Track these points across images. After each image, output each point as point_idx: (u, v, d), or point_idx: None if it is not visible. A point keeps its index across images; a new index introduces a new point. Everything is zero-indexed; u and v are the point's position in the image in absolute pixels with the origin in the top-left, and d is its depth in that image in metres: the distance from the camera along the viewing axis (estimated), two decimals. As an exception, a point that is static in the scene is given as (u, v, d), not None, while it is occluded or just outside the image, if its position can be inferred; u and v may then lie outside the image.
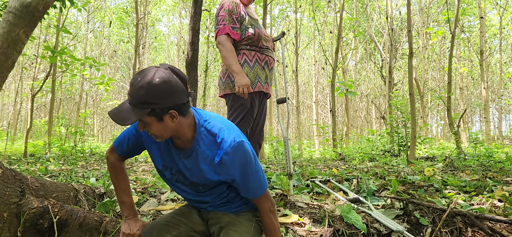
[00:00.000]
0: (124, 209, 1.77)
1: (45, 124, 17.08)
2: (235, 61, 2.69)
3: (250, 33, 2.81)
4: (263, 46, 2.90)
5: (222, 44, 2.73)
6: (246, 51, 2.84)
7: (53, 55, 8.04)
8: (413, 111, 8.03)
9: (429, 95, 23.93)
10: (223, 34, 2.74)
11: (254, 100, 2.84)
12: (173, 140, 1.63)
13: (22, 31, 1.08)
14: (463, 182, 3.84)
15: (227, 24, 2.75)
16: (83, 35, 22.92)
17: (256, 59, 2.86)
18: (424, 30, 16.80)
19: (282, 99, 3.22)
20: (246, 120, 2.79)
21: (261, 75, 2.87)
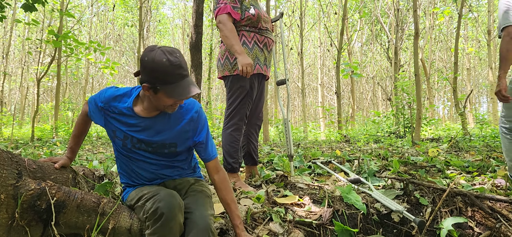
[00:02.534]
0: (68, 149, 2.02)
1: (52, 108, 17.20)
2: (237, 41, 2.64)
3: (250, 14, 2.76)
4: (262, 27, 2.85)
5: (223, 23, 2.67)
6: (245, 33, 2.80)
7: (57, 39, 8.04)
8: (419, 92, 7.96)
9: (436, 76, 23.71)
10: (224, 13, 2.68)
11: (253, 82, 2.81)
12: (136, 111, 1.80)
13: None
14: (466, 162, 3.82)
15: (228, 2, 2.70)
16: (87, 19, 22.89)
17: (255, 40, 2.82)
18: (430, 10, 16.56)
19: (281, 81, 3.19)
20: (245, 102, 2.78)
21: (260, 57, 2.84)
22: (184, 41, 28.58)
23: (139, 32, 13.71)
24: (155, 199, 1.63)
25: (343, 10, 11.68)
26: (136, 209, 1.77)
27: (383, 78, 25.46)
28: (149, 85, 1.65)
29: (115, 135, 1.85)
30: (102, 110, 1.84)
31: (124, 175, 1.95)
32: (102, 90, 1.88)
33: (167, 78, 1.62)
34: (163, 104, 1.71)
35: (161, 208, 1.58)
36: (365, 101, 30.24)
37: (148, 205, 1.64)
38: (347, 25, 16.07)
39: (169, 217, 1.58)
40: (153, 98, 1.70)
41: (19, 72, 27.00)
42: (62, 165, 1.94)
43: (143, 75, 1.66)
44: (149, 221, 1.60)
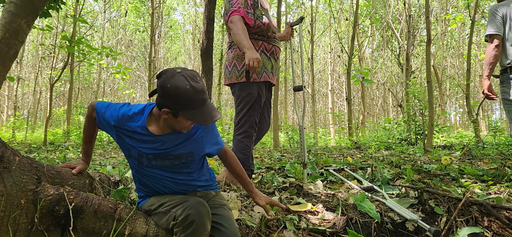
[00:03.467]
0: (82, 153, 2.04)
1: (64, 113, 17.39)
2: (246, 37, 2.66)
3: (261, 22, 2.80)
4: (270, 36, 2.89)
5: (234, 23, 2.70)
6: (253, 41, 2.83)
7: (71, 45, 8.16)
8: (431, 99, 7.90)
9: (448, 83, 23.49)
10: (236, 14, 2.72)
11: (261, 89, 2.83)
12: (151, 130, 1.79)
13: (24, 21, 1.10)
14: (481, 171, 3.77)
15: (242, 7, 2.74)
16: (100, 24, 23.16)
17: (262, 48, 2.85)
18: (442, 16, 16.44)
19: (298, 87, 3.19)
20: (254, 109, 2.78)
21: (267, 65, 2.87)
22: (195, 46, 28.74)
23: (150, 38, 13.84)
24: (185, 206, 1.64)
25: (354, 16, 11.66)
26: (156, 215, 1.77)
27: (393, 84, 25.31)
28: (169, 110, 1.65)
29: (129, 154, 1.82)
30: (114, 128, 1.82)
31: (143, 190, 1.94)
32: (112, 106, 1.85)
33: (189, 104, 1.63)
34: (181, 126, 1.72)
35: (191, 215, 1.59)
36: (376, 108, 30.07)
37: (177, 212, 1.64)
38: (358, 31, 16.03)
39: (200, 224, 1.59)
40: (171, 120, 1.70)
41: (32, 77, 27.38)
42: (79, 170, 1.96)
43: (163, 100, 1.64)
44: (178, 228, 1.61)
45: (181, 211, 1.63)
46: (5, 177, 1.54)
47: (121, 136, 1.82)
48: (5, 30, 1.07)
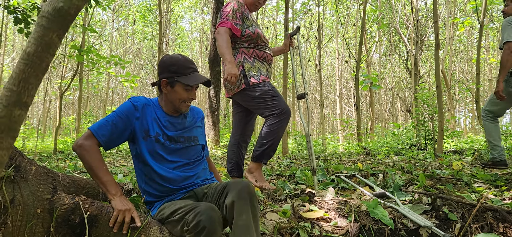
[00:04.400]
0: (111, 187, 1.79)
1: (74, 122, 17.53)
2: (229, 52, 2.81)
3: (250, 31, 2.94)
4: (261, 44, 3.01)
5: (220, 34, 2.85)
6: (244, 49, 2.96)
7: (80, 54, 8.24)
8: (440, 103, 7.84)
9: (457, 87, 23.33)
10: (224, 26, 2.87)
11: (271, 84, 2.95)
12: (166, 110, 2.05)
13: (55, 34, 1.11)
14: (494, 176, 3.73)
15: (230, 19, 2.89)
16: (108, 33, 23.37)
17: (254, 55, 2.97)
18: (450, 20, 16.36)
19: (301, 95, 3.23)
20: (278, 96, 2.85)
21: (262, 69, 2.97)
22: (202, 54, 28.87)
23: (158, 46, 13.93)
24: (196, 212, 1.64)
25: (362, 22, 11.64)
26: (169, 224, 1.79)
27: (402, 89, 25.18)
28: (167, 80, 1.97)
29: (147, 135, 1.94)
30: (138, 112, 1.94)
31: (152, 187, 1.97)
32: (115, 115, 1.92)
33: (182, 70, 1.97)
34: (179, 98, 1.98)
35: (203, 221, 1.60)
36: (384, 113, 29.91)
37: (189, 218, 1.66)
38: (365, 36, 16.00)
39: (211, 230, 1.60)
40: (170, 93, 1.99)
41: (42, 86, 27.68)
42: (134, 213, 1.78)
43: (161, 73, 1.99)
44: (190, 234, 1.62)
45: (192, 217, 1.65)
46: (22, 187, 1.55)
47: (143, 119, 1.95)
48: (38, 44, 1.09)
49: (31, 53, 1.10)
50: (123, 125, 1.90)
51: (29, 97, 1.12)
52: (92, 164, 1.79)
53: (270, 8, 24.69)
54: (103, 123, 1.87)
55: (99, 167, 1.80)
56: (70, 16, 1.12)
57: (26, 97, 1.11)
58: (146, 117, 1.97)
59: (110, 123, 1.87)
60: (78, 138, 1.83)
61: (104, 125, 1.87)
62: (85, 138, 1.83)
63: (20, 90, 1.10)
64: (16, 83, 1.10)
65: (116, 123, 1.89)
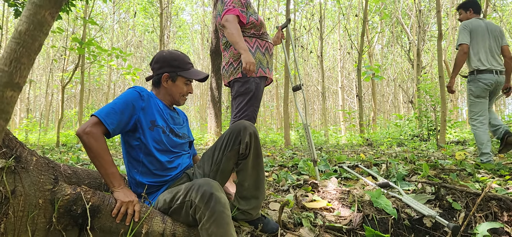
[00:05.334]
0: (115, 180, 1.77)
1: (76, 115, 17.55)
2: (242, 38, 2.69)
3: (253, 19, 2.85)
4: (263, 33, 2.94)
5: (230, 22, 2.72)
6: (247, 38, 2.87)
7: (81, 46, 8.22)
8: (443, 94, 7.80)
9: (459, 78, 23.22)
10: (231, 13, 2.75)
11: (259, 84, 2.83)
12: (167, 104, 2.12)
13: (48, 12, 1.09)
14: (497, 165, 3.71)
15: (237, 6, 2.78)
16: (109, 26, 23.32)
17: (257, 45, 2.89)
18: (453, 10, 16.24)
19: (297, 86, 3.20)
20: (252, 104, 2.79)
21: (263, 61, 2.89)
22: (204, 46, 28.81)
23: (160, 38, 13.89)
24: (197, 187, 1.67)
25: (364, 12, 11.57)
26: (174, 214, 1.78)
27: (404, 80, 25.09)
28: (169, 74, 2.05)
29: (154, 125, 1.94)
30: (144, 101, 1.93)
31: (148, 179, 1.95)
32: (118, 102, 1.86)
33: (183, 65, 2.07)
34: (180, 92, 2.08)
35: (207, 190, 1.63)
36: (386, 104, 29.85)
37: (192, 195, 1.67)
38: (367, 27, 15.91)
39: (217, 195, 1.63)
40: (171, 87, 2.07)
41: (44, 79, 27.69)
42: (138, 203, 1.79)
43: (162, 68, 2.05)
44: (200, 209, 1.63)
45: (195, 193, 1.67)
46: (23, 177, 1.54)
47: (148, 110, 1.95)
48: (30, 22, 1.06)
49: (23, 32, 1.07)
50: (129, 114, 1.87)
51: (22, 77, 1.10)
52: (99, 153, 1.74)
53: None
54: (110, 110, 1.81)
55: (105, 158, 1.76)
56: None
57: (18, 77, 1.09)
58: (152, 107, 1.97)
59: (118, 112, 1.82)
60: (83, 124, 1.75)
61: (112, 112, 1.81)
62: (93, 125, 1.75)
63: (11, 71, 1.07)
64: (7, 63, 1.06)
65: (123, 111, 1.84)
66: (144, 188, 1.95)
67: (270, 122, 30.07)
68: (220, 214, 1.59)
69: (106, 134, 1.81)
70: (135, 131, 1.92)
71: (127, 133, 1.94)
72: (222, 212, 1.60)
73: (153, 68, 2.09)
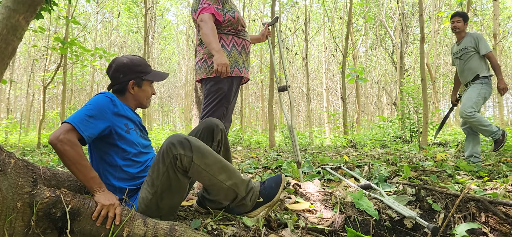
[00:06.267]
0: (95, 184, 1.75)
1: (58, 115, 17.27)
2: (216, 40, 2.61)
3: (230, 16, 2.77)
4: (240, 30, 2.86)
5: (205, 21, 2.64)
6: (223, 36, 2.80)
7: (63, 46, 8.09)
8: (425, 96, 7.93)
9: (441, 80, 23.63)
10: (207, 12, 2.66)
11: (231, 84, 2.79)
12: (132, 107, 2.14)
13: (22, 16, 1.07)
14: (476, 167, 3.79)
15: (212, 4, 2.69)
16: (93, 26, 23.03)
17: (233, 43, 2.82)
18: (436, 14, 16.52)
19: (283, 87, 3.17)
20: (222, 104, 2.76)
21: (239, 60, 2.83)
22: (189, 47, 28.68)
23: (144, 39, 13.78)
24: (169, 144, 1.81)
25: (348, 15, 11.68)
26: (162, 189, 1.85)
27: (388, 82, 25.40)
28: (134, 81, 2.06)
29: (128, 127, 1.97)
30: (116, 107, 1.94)
31: (126, 182, 1.95)
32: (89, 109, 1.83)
33: (146, 68, 2.11)
34: (146, 95, 2.13)
35: (179, 139, 1.81)
36: (370, 106, 30.17)
37: (173, 151, 1.80)
38: (352, 29, 16.07)
39: (188, 137, 1.83)
40: (137, 92, 2.09)
41: (24, 79, 27.19)
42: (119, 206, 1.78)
43: (126, 76, 2.05)
44: (185, 154, 1.79)
45: (174, 148, 1.80)
46: (0, 180, 1.51)
47: (120, 118, 1.96)
48: (3, 26, 1.04)
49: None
50: (103, 120, 1.84)
51: (-5, 83, 1.08)
52: (76, 160, 1.70)
53: (257, 1, 24.61)
54: (83, 116, 1.77)
55: (83, 163, 1.72)
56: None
57: (-10, 83, 1.07)
58: (123, 111, 1.99)
59: (92, 118, 1.80)
60: (55, 131, 1.70)
61: (85, 119, 1.77)
62: (66, 132, 1.70)
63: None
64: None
65: (97, 117, 1.82)
66: (124, 192, 1.93)
67: (255, 124, 30.10)
68: (203, 147, 1.84)
69: (80, 141, 1.78)
70: (109, 136, 1.90)
71: (102, 139, 1.91)
72: (202, 146, 1.85)
73: (113, 77, 2.07)
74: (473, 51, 4.53)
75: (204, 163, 1.83)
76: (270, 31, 3.33)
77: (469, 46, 4.56)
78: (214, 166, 1.88)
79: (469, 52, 4.56)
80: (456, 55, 4.78)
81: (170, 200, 1.88)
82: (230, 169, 1.95)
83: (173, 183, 1.84)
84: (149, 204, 1.86)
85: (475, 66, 4.52)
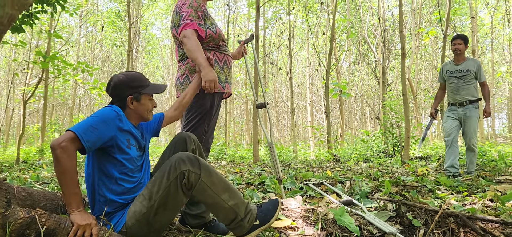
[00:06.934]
0: (75, 201, 1.73)
1: (38, 130, 16.96)
2: (202, 55, 2.57)
3: (211, 31, 2.75)
4: (222, 45, 2.85)
5: (188, 37, 2.59)
6: (205, 51, 2.77)
7: (45, 60, 7.99)
8: (407, 111, 8.05)
9: (423, 95, 24.04)
10: (190, 28, 2.63)
11: (213, 100, 2.77)
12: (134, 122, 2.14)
13: None
14: (456, 182, 3.84)
15: (194, 20, 2.65)
16: (75, 40, 22.82)
17: (216, 58, 2.80)
18: (416, 30, 16.88)
19: (261, 104, 3.16)
20: (204, 120, 2.74)
21: (221, 76, 2.82)
22: (173, 61, 28.61)
23: (128, 53, 13.70)
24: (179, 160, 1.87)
25: (331, 31, 11.84)
26: (160, 204, 1.86)
27: (371, 97, 25.72)
28: (133, 96, 2.04)
29: (129, 143, 1.98)
30: (121, 122, 1.96)
31: (120, 195, 1.93)
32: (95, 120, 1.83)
33: (143, 82, 2.09)
34: (146, 109, 2.09)
35: (190, 157, 1.88)
36: (354, 120, 30.46)
37: (182, 167, 1.85)
38: (335, 45, 16.27)
39: (197, 156, 1.91)
40: (137, 107, 2.07)
41: (4, 93, 26.67)
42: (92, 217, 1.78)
43: (124, 92, 2.03)
44: (194, 171, 1.86)
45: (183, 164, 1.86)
46: (-28, 201, 1.47)
47: (123, 133, 1.97)
48: None
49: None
50: (106, 133, 1.84)
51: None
52: (68, 171, 1.70)
53: (242, 16, 24.77)
54: (88, 127, 1.77)
55: (73, 177, 1.71)
56: (3, 25, 1.05)
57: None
58: (129, 127, 2.02)
59: (96, 130, 1.79)
60: (59, 137, 1.70)
61: (90, 130, 1.77)
62: (69, 140, 1.70)
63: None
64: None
65: (101, 129, 1.81)
66: (114, 206, 1.92)
67: (240, 138, 30.05)
68: (209, 166, 1.94)
69: (80, 150, 1.78)
70: (110, 148, 1.90)
71: (102, 149, 1.91)
72: (209, 165, 1.94)
73: (112, 95, 2.07)
74: (474, 75, 4.94)
75: (210, 181, 1.91)
76: (245, 48, 3.33)
77: (472, 70, 4.94)
78: (219, 185, 1.95)
79: (470, 75, 4.94)
80: (453, 74, 5.08)
81: (162, 217, 1.89)
82: (232, 189, 2.02)
83: (171, 199, 1.86)
84: (141, 219, 1.85)
85: (473, 89, 4.95)
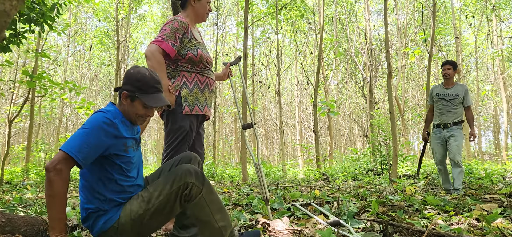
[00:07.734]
0: (58, 227, 1.70)
1: (23, 150, 16.68)
2: (164, 75, 2.61)
3: (191, 54, 2.76)
4: (204, 67, 2.86)
5: (152, 53, 2.61)
6: (186, 73, 2.79)
7: (32, 80, 7.91)
8: (394, 129, 8.12)
9: (410, 113, 24.31)
10: (156, 44, 2.64)
11: (192, 122, 2.78)
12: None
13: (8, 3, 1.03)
14: (443, 201, 3.86)
15: (166, 39, 2.67)
16: (63, 59, 22.69)
17: (196, 81, 2.81)
18: (402, 50, 17.16)
19: (248, 125, 3.17)
20: (184, 142, 2.74)
21: (200, 98, 2.82)
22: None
23: (116, 72, 13.66)
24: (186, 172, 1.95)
25: (319, 50, 11.97)
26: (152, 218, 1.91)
27: (359, 115, 25.93)
28: (128, 93, 1.95)
29: (126, 146, 1.95)
30: (115, 129, 1.90)
31: (118, 195, 1.93)
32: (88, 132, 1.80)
33: (146, 88, 1.96)
34: (136, 112, 1.98)
35: (196, 171, 1.97)
36: (343, 138, 30.60)
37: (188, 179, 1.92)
38: (323, 64, 16.44)
39: (202, 172, 2.00)
40: (128, 106, 1.98)
41: (-10, 112, 26.26)
42: None
43: (125, 84, 1.98)
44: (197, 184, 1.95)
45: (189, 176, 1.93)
46: None
47: (119, 139, 1.92)
48: None
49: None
50: (102, 145, 1.82)
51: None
52: (59, 195, 1.69)
53: (230, 36, 24.95)
54: (82, 144, 1.74)
55: (62, 202, 1.70)
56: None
57: None
58: (122, 130, 1.95)
59: (89, 145, 1.76)
60: (53, 159, 1.67)
61: (84, 147, 1.74)
62: (63, 162, 1.70)
63: None
64: None
65: (95, 144, 1.78)
66: (113, 204, 1.92)
67: (229, 157, 29.93)
68: (211, 185, 2.01)
69: (77, 165, 1.77)
70: (109, 155, 1.90)
71: (101, 157, 1.89)
72: (210, 183, 2.01)
73: (122, 83, 2.03)
74: (461, 100, 5.30)
75: (210, 199, 2.00)
76: (231, 71, 3.36)
77: (460, 95, 5.31)
78: (216, 205, 2.03)
79: (458, 99, 5.30)
80: (443, 97, 5.41)
81: (155, 221, 1.94)
82: (224, 211, 2.08)
83: (167, 207, 1.92)
84: (135, 219, 1.89)
85: (460, 112, 5.33)
